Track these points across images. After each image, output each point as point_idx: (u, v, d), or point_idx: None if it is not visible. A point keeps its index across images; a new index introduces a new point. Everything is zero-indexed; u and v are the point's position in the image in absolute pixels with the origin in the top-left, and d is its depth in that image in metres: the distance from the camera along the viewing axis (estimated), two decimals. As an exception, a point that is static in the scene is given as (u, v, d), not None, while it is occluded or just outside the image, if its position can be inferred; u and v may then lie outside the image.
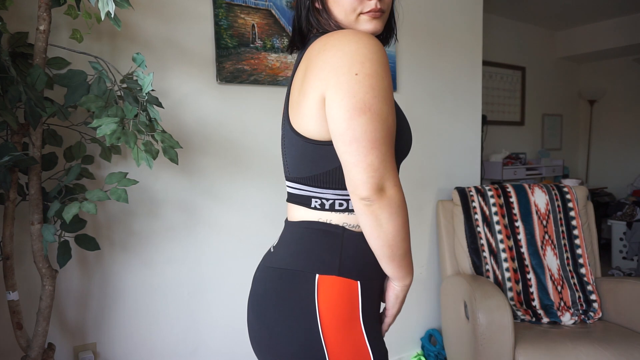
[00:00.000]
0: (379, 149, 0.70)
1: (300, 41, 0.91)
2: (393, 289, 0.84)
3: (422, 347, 2.30)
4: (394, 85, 2.11)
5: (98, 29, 1.44)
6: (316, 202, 0.83)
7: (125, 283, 1.55)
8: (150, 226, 1.58)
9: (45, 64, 1.17)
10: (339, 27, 0.84)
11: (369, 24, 0.83)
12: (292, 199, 0.88)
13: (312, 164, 0.80)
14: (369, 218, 0.73)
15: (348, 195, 0.80)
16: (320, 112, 0.75)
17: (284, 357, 0.80)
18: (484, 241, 2.11)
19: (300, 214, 0.85)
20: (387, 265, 0.79)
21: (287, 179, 0.89)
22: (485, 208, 2.16)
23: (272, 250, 0.90)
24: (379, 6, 0.81)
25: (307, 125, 0.78)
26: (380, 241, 0.75)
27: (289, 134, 0.82)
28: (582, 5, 3.76)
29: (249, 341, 1.79)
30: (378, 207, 0.72)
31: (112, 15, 1.07)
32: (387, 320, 0.89)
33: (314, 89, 0.74)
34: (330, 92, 0.71)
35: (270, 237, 1.79)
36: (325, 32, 0.83)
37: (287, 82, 1.13)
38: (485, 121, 3.54)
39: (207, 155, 1.68)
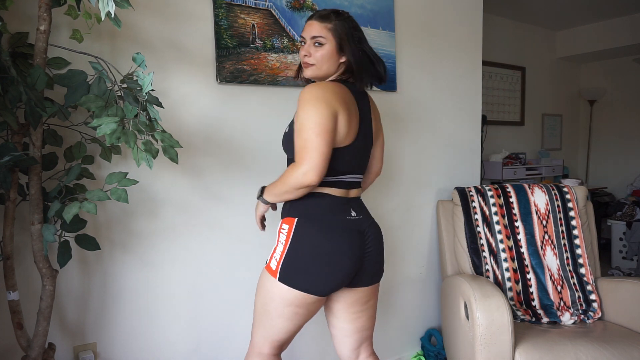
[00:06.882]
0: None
1: None
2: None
3: (422, 347, 2.30)
4: (393, 86, 2.12)
5: (98, 29, 1.44)
6: None
7: (125, 283, 1.55)
8: (151, 226, 1.59)
9: (45, 64, 1.17)
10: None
11: (304, 72, 1.35)
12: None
13: None
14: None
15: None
16: None
17: None
18: (483, 241, 2.11)
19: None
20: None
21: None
22: (485, 208, 2.16)
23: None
24: (304, 60, 1.32)
25: None
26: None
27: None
28: (582, 5, 3.76)
29: (247, 341, 1.79)
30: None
31: (112, 16, 1.07)
32: None
33: None
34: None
35: (270, 236, 1.79)
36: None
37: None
38: (485, 121, 3.54)
39: (207, 155, 1.68)
